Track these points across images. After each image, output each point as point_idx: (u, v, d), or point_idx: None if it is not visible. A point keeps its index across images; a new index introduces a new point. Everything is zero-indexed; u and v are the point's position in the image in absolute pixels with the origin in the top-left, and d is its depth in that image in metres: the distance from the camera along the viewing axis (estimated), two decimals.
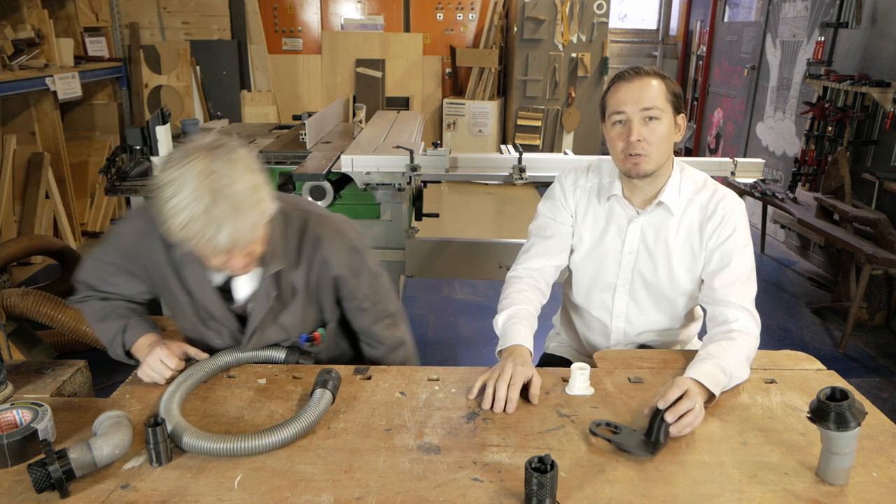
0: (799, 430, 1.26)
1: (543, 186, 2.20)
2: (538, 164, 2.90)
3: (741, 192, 4.34)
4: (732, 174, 2.92)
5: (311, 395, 1.28)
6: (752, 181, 3.67)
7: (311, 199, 2.80)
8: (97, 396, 1.43)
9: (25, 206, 4.50)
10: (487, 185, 6.62)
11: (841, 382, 1.44)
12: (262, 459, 1.15)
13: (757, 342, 1.48)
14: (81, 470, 1.07)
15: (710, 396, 1.31)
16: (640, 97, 1.47)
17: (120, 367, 1.53)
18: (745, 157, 3.08)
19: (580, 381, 1.38)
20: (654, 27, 7.75)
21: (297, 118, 3.92)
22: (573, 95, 6.53)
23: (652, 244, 1.61)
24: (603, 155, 1.75)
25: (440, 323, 3.75)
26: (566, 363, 1.75)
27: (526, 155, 2.88)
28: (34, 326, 2.93)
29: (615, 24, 7.50)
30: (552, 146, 6.69)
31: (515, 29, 6.40)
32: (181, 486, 1.08)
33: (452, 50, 6.96)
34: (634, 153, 1.48)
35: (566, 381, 1.41)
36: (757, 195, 4.37)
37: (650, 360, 1.55)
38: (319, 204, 2.71)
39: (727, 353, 1.39)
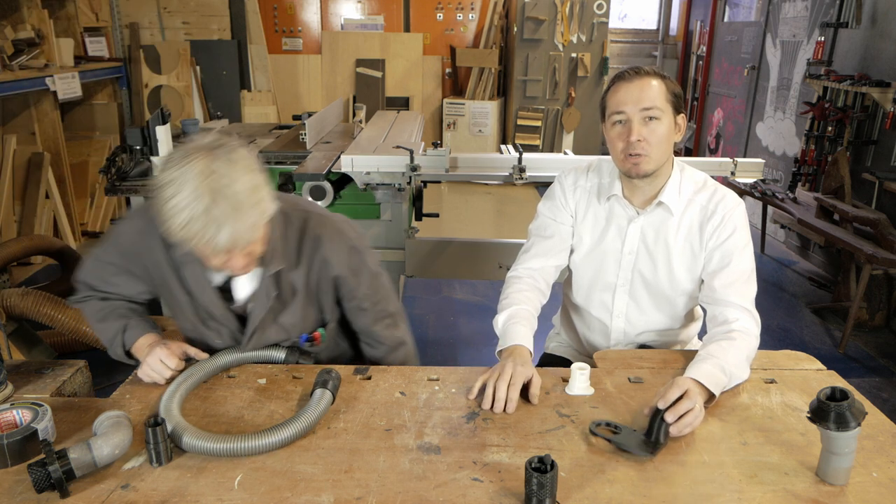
0: (799, 430, 1.26)
1: (543, 186, 2.20)
2: (538, 164, 2.90)
3: (741, 192, 4.34)
4: (732, 174, 2.92)
5: (311, 395, 1.28)
6: (752, 181, 3.67)
7: (311, 199, 2.80)
8: (97, 396, 1.43)
9: (25, 206, 4.50)
10: (487, 185, 6.62)
11: (841, 382, 1.44)
12: (262, 459, 1.15)
13: (757, 342, 1.48)
14: (81, 470, 1.07)
15: (710, 396, 1.31)
16: (640, 97, 1.47)
17: (120, 367, 1.53)
18: (745, 157, 3.08)
19: (580, 381, 1.38)
20: (654, 27, 7.75)
21: (297, 118, 3.92)
22: (573, 95, 6.53)
23: (652, 244, 1.61)
24: (603, 155, 1.75)
25: (440, 323, 3.75)
26: (566, 363, 1.75)
27: (526, 155, 2.88)
28: (34, 326, 2.93)
29: (615, 24, 7.50)
30: (552, 146, 6.69)
31: (515, 29, 6.40)
32: (181, 486, 1.08)
33: (452, 50, 6.96)
34: (634, 153, 1.48)
35: (566, 381, 1.41)
36: (757, 195, 4.37)
37: (650, 360, 1.55)
38: (319, 204, 2.71)
39: (727, 353, 1.39)
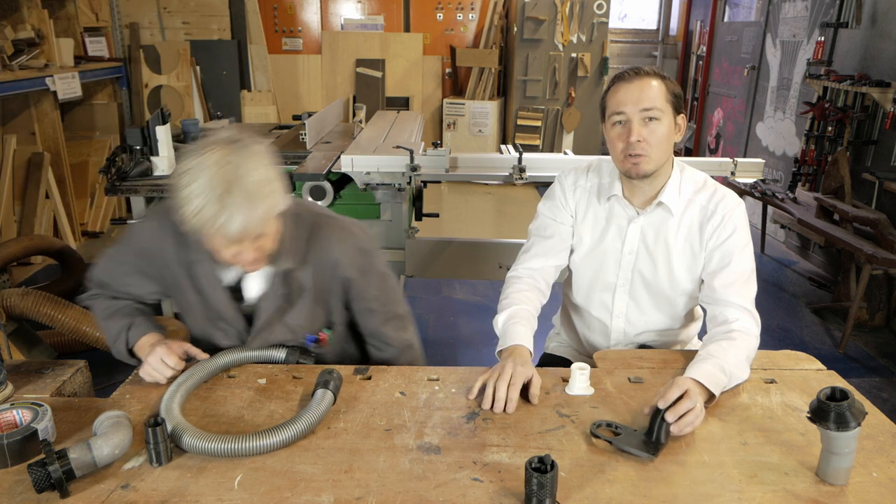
0: (799, 430, 1.26)
1: (543, 186, 2.20)
2: (538, 164, 2.90)
3: (741, 192, 4.34)
4: (732, 174, 2.92)
5: (312, 395, 1.28)
6: (752, 181, 3.67)
7: (311, 199, 2.80)
8: (97, 396, 1.43)
9: (25, 206, 4.50)
10: (487, 185, 6.62)
11: (841, 382, 1.44)
12: (262, 459, 1.15)
13: (757, 342, 1.48)
14: (81, 470, 1.07)
15: (710, 396, 1.31)
16: (639, 97, 1.47)
17: (120, 367, 1.53)
18: (745, 157, 3.08)
19: (580, 381, 1.38)
20: (654, 27, 7.75)
21: (297, 118, 3.92)
22: (573, 95, 6.53)
23: (652, 244, 1.61)
24: (603, 155, 1.75)
25: (440, 323, 3.75)
26: (566, 363, 1.75)
27: (526, 155, 2.88)
28: (34, 326, 2.94)
29: (615, 24, 7.50)
30: (552, 146, 6.69)
31: (515, 29, 6.40)
32: (181, 486, 1.08)
33: (452, 50, 6.96)
34: (634, 153, 1.48)
35: (566, 381, 1.41)
36: (757, 195, 4.37)
37: (650, 360, 1.55)
38: (320, 204, 2.71)
39: (727, 353, 1.39)
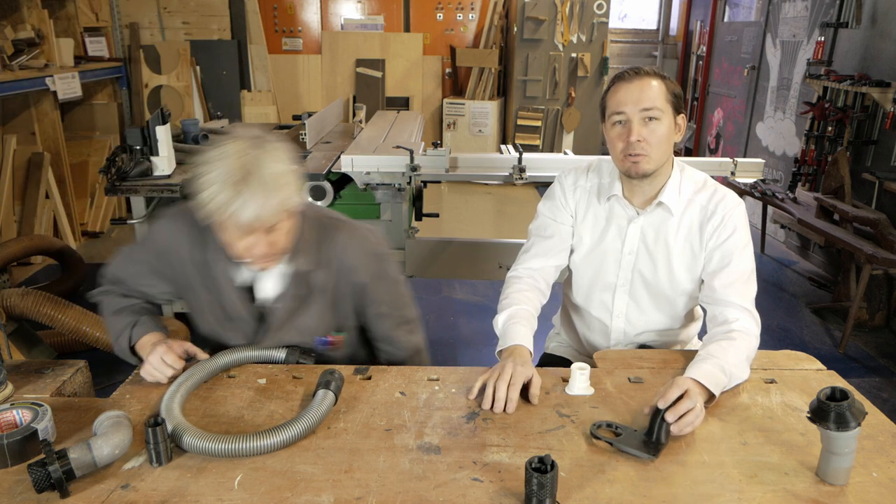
0: (799, 430, 1.26)
1: (543, 186, 2.20)
2: (538, 164, 2.90)
3: (741, 192, 4.34)
4: (732, 174, 2.92)
5: (313, 395, 1.28)
6: (752, 181, 3.67)
7: (311, 199, 2.80)
8: (97, 396, 1.43)
9: (25, 206, 4.50)
10: (487, 185, 6.62)
11: (841, 382, 1.44)
12: (262, 459, 1.15)
13: (757, 342, 1.48)
14: (81, 470, 1.07)
15: (710, 396, 1.31)
16: (639, 97, 1.47)
17: (120, 367, 1.54)
18: (745, 157, 3.09)
19: (580, 381, 1.38)
20: (654, 27, 7.75)
21: (297, 118, 3.92)
22: (573, 95, 6.53)
23: (652, 244, 1.61)
24: (603, 155, 1.76)
25: (440, 323, 3.74)
26: (566, 363, 1.75)
27: (526, 155, 2.88)
28: (34, 326, 2.94)
29: (615, 24, 7.50)
30: (552, 146, 6.69)
31: (515, 29, 6.40)
32: (181, 486, 1.08)
33: (452, 50, 6.96)
34: (634, 153, 1.48)
35: (566, 381, 1.41)
36: (757, 195, 4.37)
37: (650, 360, 1.55)
38: (319, 204, 2.71)
39: (727, 353, 1.39)
